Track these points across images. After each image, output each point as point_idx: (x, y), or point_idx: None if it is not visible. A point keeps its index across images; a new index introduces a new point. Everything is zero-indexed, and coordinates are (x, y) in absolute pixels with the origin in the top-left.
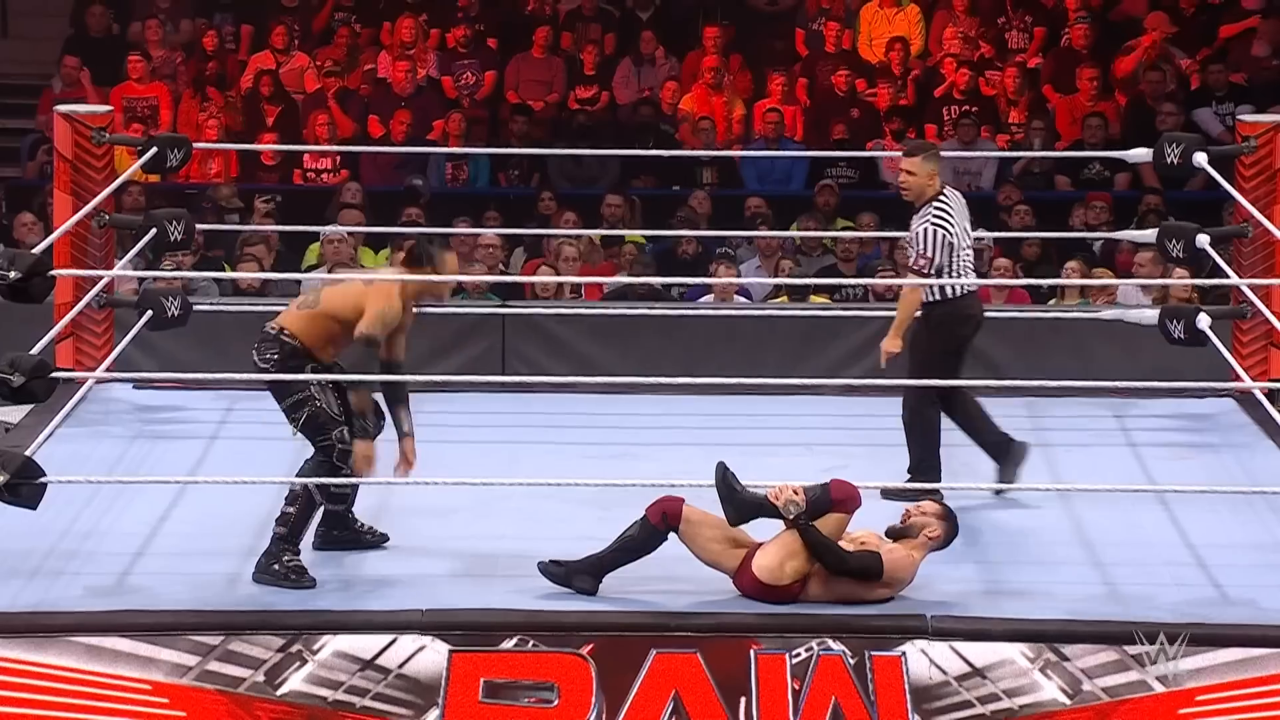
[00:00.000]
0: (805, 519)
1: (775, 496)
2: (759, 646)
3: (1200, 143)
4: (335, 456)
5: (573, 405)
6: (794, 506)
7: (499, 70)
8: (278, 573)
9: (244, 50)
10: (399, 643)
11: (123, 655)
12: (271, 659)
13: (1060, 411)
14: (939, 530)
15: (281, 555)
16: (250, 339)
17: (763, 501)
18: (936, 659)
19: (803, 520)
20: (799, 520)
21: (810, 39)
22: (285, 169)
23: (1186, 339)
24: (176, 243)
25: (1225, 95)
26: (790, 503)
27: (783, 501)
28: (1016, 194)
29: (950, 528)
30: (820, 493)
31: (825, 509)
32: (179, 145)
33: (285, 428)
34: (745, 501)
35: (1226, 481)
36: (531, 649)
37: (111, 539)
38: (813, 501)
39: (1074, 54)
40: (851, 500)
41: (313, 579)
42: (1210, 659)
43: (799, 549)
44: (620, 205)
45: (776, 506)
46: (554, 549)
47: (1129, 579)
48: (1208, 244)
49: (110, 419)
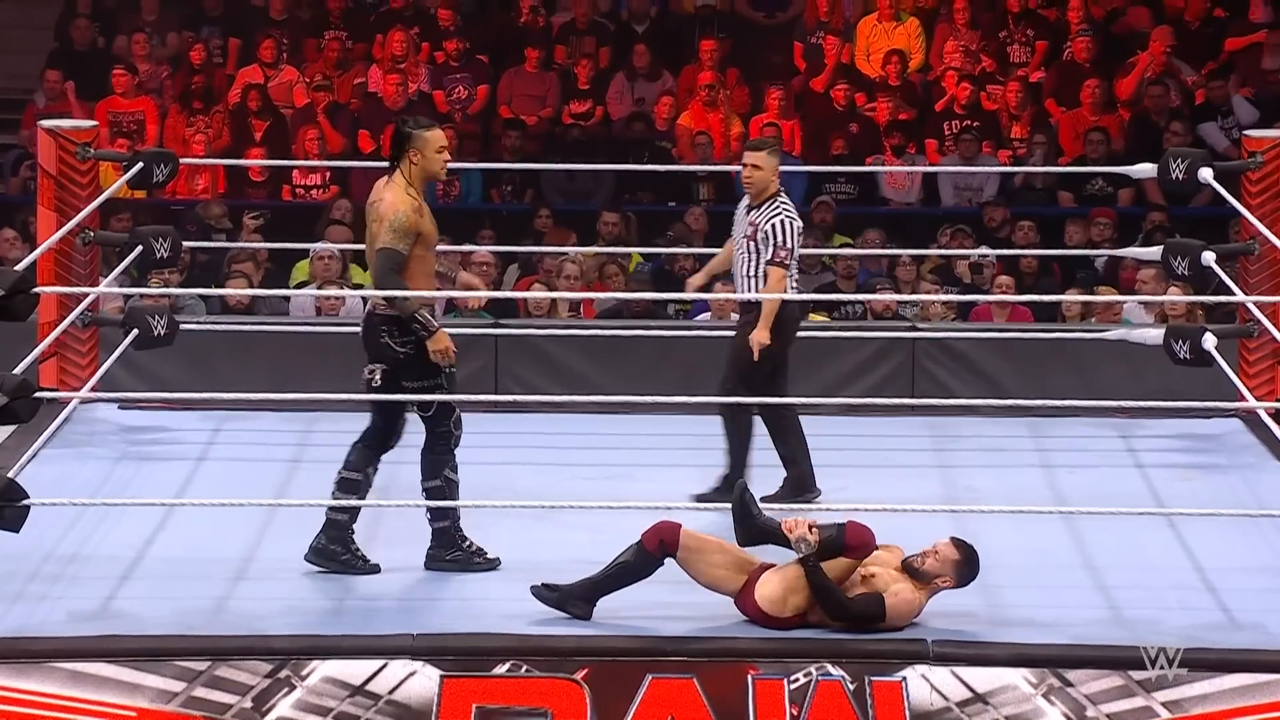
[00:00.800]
0: (814, 561)
1: (789, 529)
2: (756, 671)
3: (1206, 158)
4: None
5: (567, 425)
6: (805, 546)
7: (491, 84)
8: (461, 559)
9: (231, 64)
10: (389, 668)
11: (107, 681)
12: (259, 685)
13: (1063, 432)
14: (952, 582)
15: (460, 542)
16: (238, 357)
17: (776, 530)
18: (938, 684)
19: (811, 562)
20: (807, 561)
21: (808, 52)
22: (274, 185)
23: (1192, 359)
24: (163, 260)
25: (1231, 110)
26: (802, 540)
27: (795, 537)
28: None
29: (966, 573)
30: (835, 535)
31: (837, 552)
32: (165, 160)
33: (273, 449)
34: (758, 526)
35: (1233, 503)
36: (525, 674)
37: (96, 562)
38: (825, 542)
39: (1077, 68)
40: (865, 547)
41: (496, 559)
42: (1217, 685)
43: (803, 586)
44: (617, 224)
45: (788, 539)
46: (547, 572)
47: (1134, 603)
48: (1213, 261)
49: (95, 440)
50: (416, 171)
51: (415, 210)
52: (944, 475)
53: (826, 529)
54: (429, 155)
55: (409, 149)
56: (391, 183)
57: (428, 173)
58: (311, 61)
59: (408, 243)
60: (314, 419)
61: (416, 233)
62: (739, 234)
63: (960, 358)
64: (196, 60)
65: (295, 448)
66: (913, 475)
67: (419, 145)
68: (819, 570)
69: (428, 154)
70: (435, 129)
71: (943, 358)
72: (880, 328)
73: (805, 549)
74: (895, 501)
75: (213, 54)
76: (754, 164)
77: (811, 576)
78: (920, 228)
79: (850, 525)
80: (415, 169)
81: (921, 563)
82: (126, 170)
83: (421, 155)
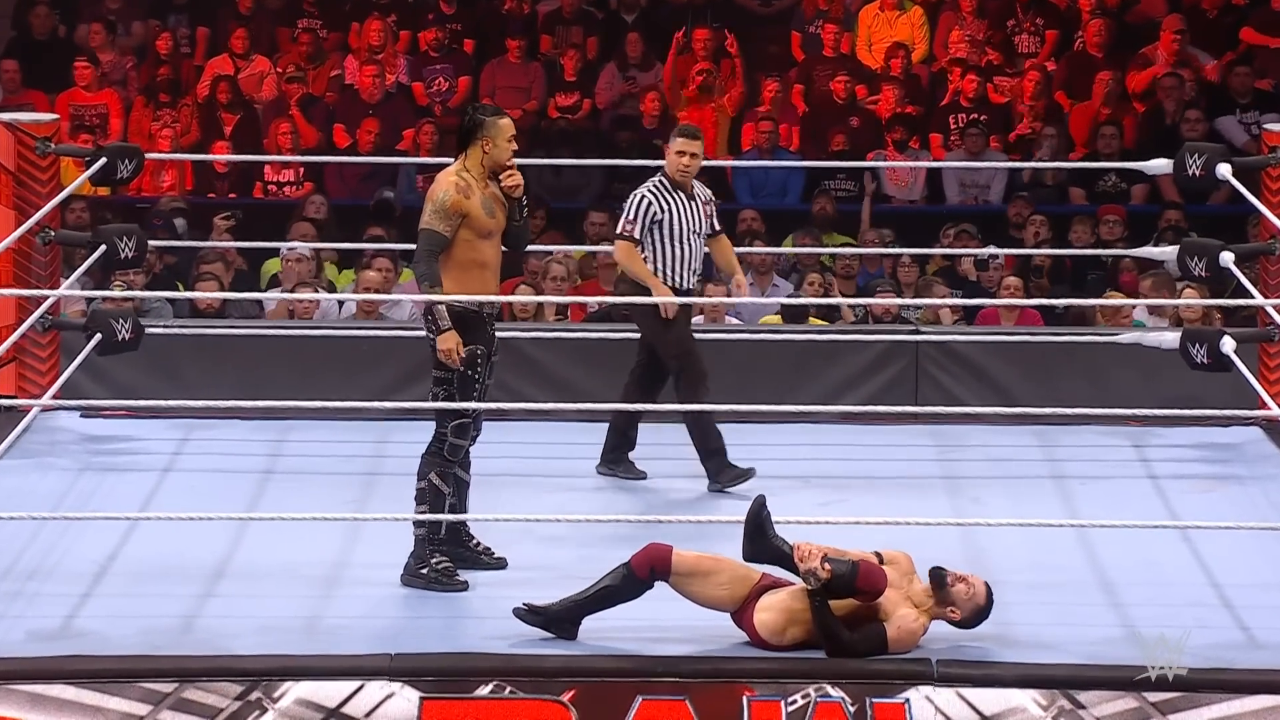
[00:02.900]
0: (820, 599)
1: (801, 558)
2: (752, 693)
3: (1224, 153)
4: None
5: (553, 434)
6: (814, 580)
7: (474, 76)
8: (427, 576)
9: (200, 54)
10: (366, 689)
11: (69, 704)
12: (229, 708)
13: (1075, 441)
14: (959, 616)
15: (430, 558)
16: (206, 363)
17: (786, 555)
18: (942, 707)
19: (818, 600)
20: (814, 597)
21: (807, 43)
22: (244, 181)
23: (1210, 364)
24: (127, 260)
25: (1250, 103)
26: (811, 574)
27: (805, 569)
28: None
29: (976, 620)
30: (847, 573)
31: (846, 594)
32: (130, 156)
33: (243, 459)
34: (769, 547)
35: (1253, 516)
36: (509, 695)
37: (57, 579)
38: (835, 579)
39: (1088, 58)
40: (875, 593)
41: (465, 582)
42: (1236, 707)
43: (805, 619)
44: (604, 224)
45: (797, 567)
46: (533, 589)
47: (1149, 621)
48: (1231, 262)
49: (56, 450)
50: (486, 160)
51: (463, 191)
52: (949, 487)
53: (839, 565)
54: (500, 144)
55: (481, 137)
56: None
57: (496, 162)
58: (284, 52)
59: (450, 224)
60: (287, 428)
61: (461, 215)
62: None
63: (966, 363)
64: (163, 50)
65: (267, 458)
66: (916, 487)
67: (491, 133)
68: (826, 609)
69: (499, 142)
70: (506, 117)
71: (947, 363)
72: (881, 331)
73: (814, 583)
74: (897, 515)
75: (180, 44)
76: (695, 152)
77: (817, 615)
78: (924, 226)
79: (863, 568)
80: (486, 157)
81: (953, 583)
82: (89, 166)
83: (493, 144)
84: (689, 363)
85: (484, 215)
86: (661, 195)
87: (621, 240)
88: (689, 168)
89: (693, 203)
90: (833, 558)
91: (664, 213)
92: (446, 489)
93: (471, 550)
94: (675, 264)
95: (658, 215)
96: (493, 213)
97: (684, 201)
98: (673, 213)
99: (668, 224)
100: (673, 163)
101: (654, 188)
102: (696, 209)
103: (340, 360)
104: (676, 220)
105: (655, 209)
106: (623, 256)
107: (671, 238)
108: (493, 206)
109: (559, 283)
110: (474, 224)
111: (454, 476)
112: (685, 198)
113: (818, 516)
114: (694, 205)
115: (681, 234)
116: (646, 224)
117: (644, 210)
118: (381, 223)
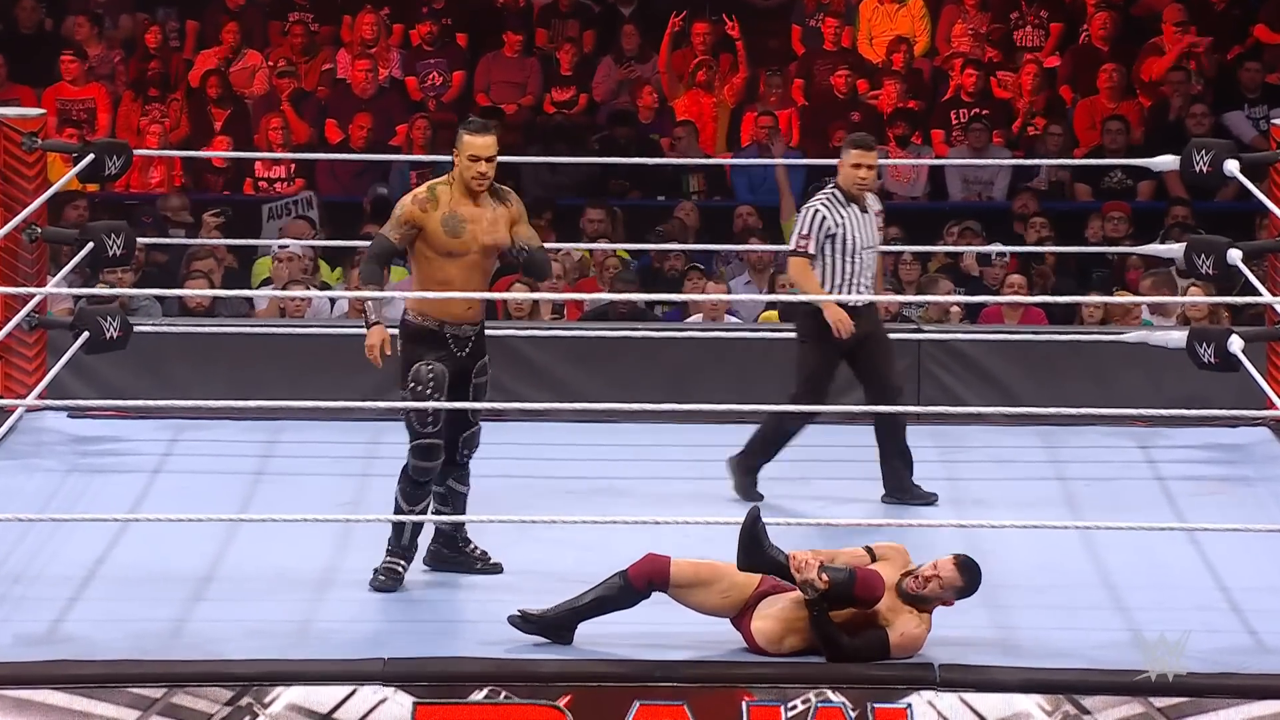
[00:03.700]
0: (819, 609)
1: (797, 569)
2: (751, 698)
3: (1232, 149)
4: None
5: (549, 435)
6: (811, 590)
7: (468, 70)
8: (375, 572)
9: (189, 48)
10: (358, 695)
11: (56, 710)
12: (219, 713)
13: (1079, 442)
14: (952, 601)
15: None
16: (196, 361)
17: (782, 565)
18: (945, 711)
19: (816, 611)
20: (812, 607)
21: (807, 36)
22: (235, 177)
23: (1217, 363)
24: (115, 258)
25: (1259, 97)
26: (808, 584)
27: (801, 579)
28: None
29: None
30: (845, 581)
31: (844, 602)
32: (118, 152)
33: (233, 460)
34: (764, 559)
35: (1261, 518)
36: (504, 700)
37: (44, 582)
38: (833, 589)
39: (1094, 52)
40: (873, 600)
41: (396, 584)
42: (1243, 712)
43: (803, 627)
44: (602, 220)
45: (794, 577)
46: (528, 593)
47: (1155, 624)
48: (1239, 260)
49: (43, 450)
50: (457, 173)
51: (421, 203)
52: (952, 488)
53: (836, 574)
54: (462, 160)
55: (455, 148)
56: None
57: (464, 179)
58: (275, 46)
59: (399, 233)
60: (278, 428)
61: (414, 227)
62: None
63: (969, 362)
64: (152, 44)
65: (257, 459)
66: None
67: (459, 146)
68: (824, 619)
69: (462, 159)
70: (478, 135)
71: (950, 362)
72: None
73: (811, 593)
74: (900, 516)
75: (169, 37)
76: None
77: (817, 625)
78: (926, 223)
79: (860, 576)
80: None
81: (923, 586)
82: (76, 162)
83: (460, 158)
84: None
85: (442, 233)
86: (835, 208)
87: (795, 257)
88: (865, 180)
89: (866, 215)
90: (829, 567)
91: (838, 226)
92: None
93: (467, 555)
94: (848, 279)
95: (831, 229)
96: (458, 232)
97: (858, 215)
98: (847, 226)
99: (841, 238)
100: (847, 175)
101: (827, 201)
102: (870, 221)
103: (332, 360)
104: (850, 234)
105: (830, 223)
106: (796, 274)
107: (845, 252)
108: (461, 226)
109: (555, 281)
110: (430, 239)
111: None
112: (859, 210)
113: (818, 518)
114: (867, 218)
115: (855, 248)
116: (821, 239)
117: (818, 224)
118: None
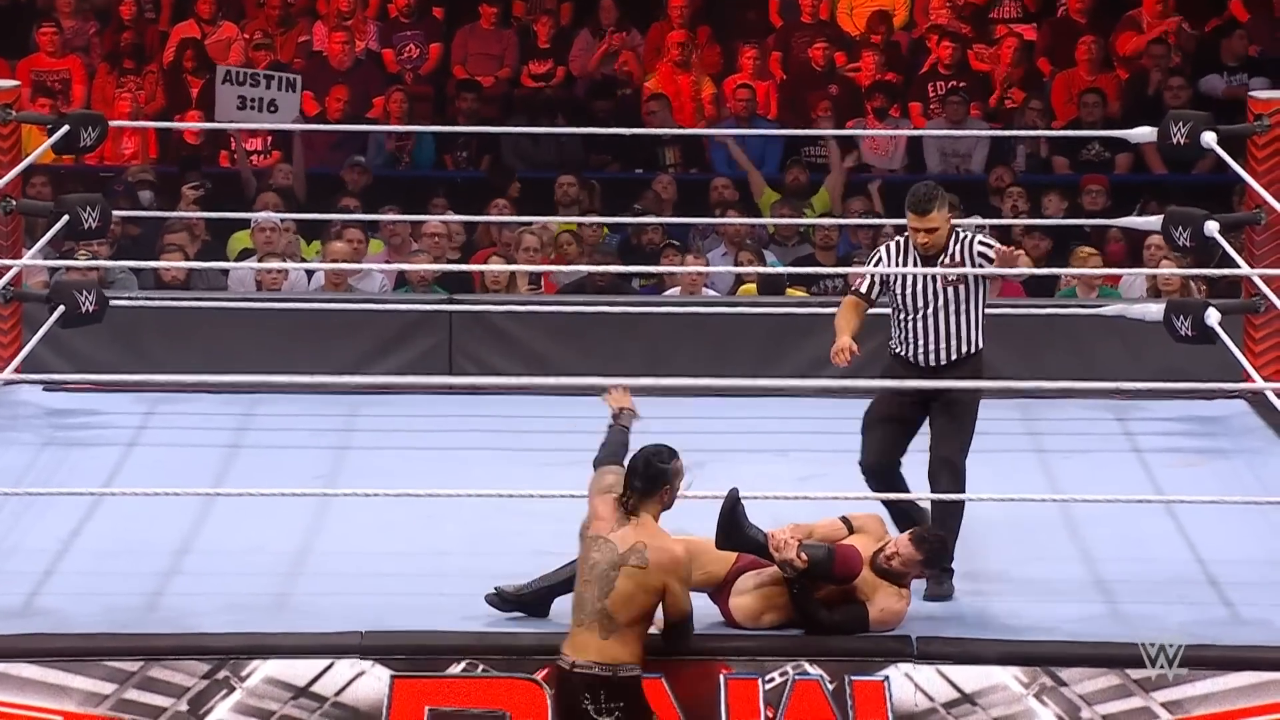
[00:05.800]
0: (798, 586)
1: (776, 548)
2: (729, 671)
3: (1208, 120)
4: None
5: (526, 408)
6: (790, 569)
7: (445, 42)
8: None
9: (165, 19)
10: (336, 668)
11: (31, 683)
12: (195, 686)
13: (1058, 415)
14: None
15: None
16: (172, 335)
17: (761, 545)
18: (922, 684)
19: (796, 588)
20: (791, 585)
21: (785, 8)
22: (210, 150)
23: (1194, 336)
24: (91, 230)
25: (1238, 66)
26: (787, 563)
27: (780, 559)
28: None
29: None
30: (823, 560)
31: (823, 580)
32: (93, 123)
33: (209, 433)
34: (743, 539)
35: (1238, 490)
36: (481, 674)
37: (19, 556)
38: (812, 567)
39: (1071, 24)
40: (851, 578)
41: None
42: (1220, 684)
43: (782, 603)
44: (574, 185)
45: (773, 556)
46: (506, 566)
47: (1132, 597)
48: (1216, 231)
49: (18, 424)
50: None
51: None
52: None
53: (815, 551)
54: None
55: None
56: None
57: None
58: (251, 17)
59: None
60: (254, 402)
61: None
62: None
63: None
64: (127, 15)
65: (234, 432)
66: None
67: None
68: (806, 596)
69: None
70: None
71: None
72: None
73: (790, 572)
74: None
75: (144, 9)
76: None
77: (797, 602)
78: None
79: (839, 552)
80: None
81: (888, 563)
82: (51, 134)
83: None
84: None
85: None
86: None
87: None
88: (928, 244)
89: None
90: (808, 545)
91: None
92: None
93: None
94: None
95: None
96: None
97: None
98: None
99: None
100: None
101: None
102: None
103: (309, 333)
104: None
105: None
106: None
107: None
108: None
109: (532, 254)
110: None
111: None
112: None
113: (796, 491)
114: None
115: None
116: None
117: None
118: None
